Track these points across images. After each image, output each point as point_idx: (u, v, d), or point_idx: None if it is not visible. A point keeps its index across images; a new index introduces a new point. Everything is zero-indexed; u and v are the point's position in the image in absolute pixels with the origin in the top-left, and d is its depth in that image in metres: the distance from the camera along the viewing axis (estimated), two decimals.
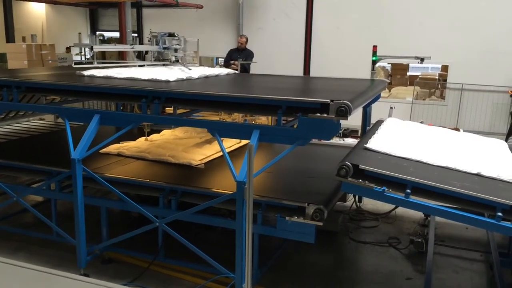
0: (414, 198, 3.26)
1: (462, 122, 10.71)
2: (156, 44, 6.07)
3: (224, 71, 6.13)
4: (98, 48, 6.94)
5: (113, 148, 5.35)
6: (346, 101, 3.35)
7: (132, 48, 7.75)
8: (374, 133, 4.29)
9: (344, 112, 3.33)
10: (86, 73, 5.03)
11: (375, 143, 3.90)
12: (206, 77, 5.32)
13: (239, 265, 3.60)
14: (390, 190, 3.26)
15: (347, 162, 3.33)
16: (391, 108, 5.64)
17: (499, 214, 3.03)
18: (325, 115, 3.39)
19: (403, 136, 4.41)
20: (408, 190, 3.23)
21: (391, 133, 4.41)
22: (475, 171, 3.55)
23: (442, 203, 3.25)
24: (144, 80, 4.57)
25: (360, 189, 3.37)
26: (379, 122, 4.92)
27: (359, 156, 3.61)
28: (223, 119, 5.96)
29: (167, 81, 4.52)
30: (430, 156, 3.73)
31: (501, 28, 10.43)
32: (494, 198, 3.07)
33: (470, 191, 3.14)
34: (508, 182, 3.46)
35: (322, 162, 5.45)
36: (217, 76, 5.62)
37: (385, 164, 3.50)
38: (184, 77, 4.87)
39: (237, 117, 5.92)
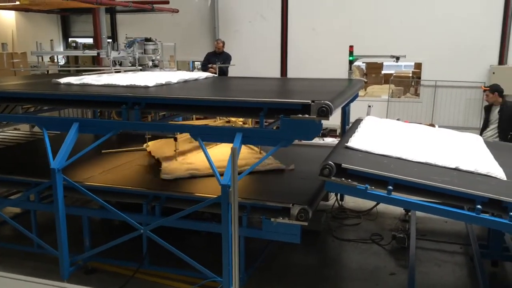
0: (396, 195, 3.31)
1: (437, 118, 10.94)
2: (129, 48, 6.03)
3: (203, 74, 6.11)
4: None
5: (179, 170, 4.80)
6: (327, 102, 3.39)
7: (83, 53, 8.10)
8: (354, 132, 4.34)
9: (325, 112, 3.37)
10: (62, 80, 4.95)
11: (356, 141, 3.96)
12: (185, 81, 5.29)
13: (226, 269, 3.60)
14: (373, 187, 3.32)
15: (330, 162, 3.36)
16: (369, 106, 5.73)
17: (479, 206, 3.11)
18: (307, 115, 3.42)
19: (382, 134, 4.48)
20: (390, 187, 3.28)
21: (370, 131, 4.47)
22: (453, 166, 3.64)
23: (423, 198, 3.32)
24: (123, 86, 4.52)
25: (344, 188, 3.41)
26: (358, 121, 4.99)
27: (341, 155, 3.65)
28: (232, 123, 5.68)
29: (146, 87, 4.48)
30: (409, 153, 3.81)
31: (473, 24, 10.69)
32: (473, 192, 3.16)
33: (450, 186, 3.22)
34: (485, 175, 3.56)
35: (303, 162, 5.48)
36: (196, 80, 5.60)
37: (367, 162, 3.55)
38: (163, 82, 4.84)
39: (234, 122, 5.72)
